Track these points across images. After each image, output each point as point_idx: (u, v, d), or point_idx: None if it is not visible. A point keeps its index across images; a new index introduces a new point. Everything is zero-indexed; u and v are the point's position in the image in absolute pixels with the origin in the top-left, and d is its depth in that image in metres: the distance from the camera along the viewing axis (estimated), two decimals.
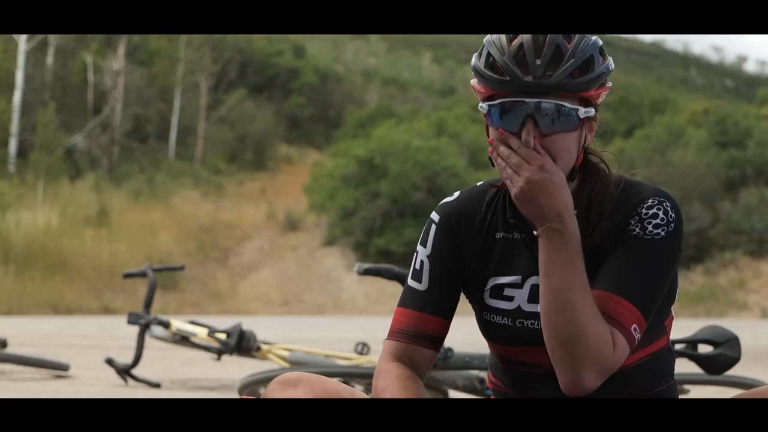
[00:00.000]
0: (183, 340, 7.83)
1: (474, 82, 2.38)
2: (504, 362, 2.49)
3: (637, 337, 2.24)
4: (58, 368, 8.33)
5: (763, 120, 47.83)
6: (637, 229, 2.30)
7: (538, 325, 2.36)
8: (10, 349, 8.62)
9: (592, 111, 2.32)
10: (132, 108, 47.74)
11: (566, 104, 2.26)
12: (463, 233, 2.48)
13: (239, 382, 5.67)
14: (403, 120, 48.38)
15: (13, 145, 41.04)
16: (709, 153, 43.62)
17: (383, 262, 22.18)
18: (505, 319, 2.42)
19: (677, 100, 62.88)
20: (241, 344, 7.47)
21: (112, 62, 46.98)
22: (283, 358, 7.33)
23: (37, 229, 33.22)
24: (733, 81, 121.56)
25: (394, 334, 2.47)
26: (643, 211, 2.32)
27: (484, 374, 5.26)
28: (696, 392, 5.34)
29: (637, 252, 2.29)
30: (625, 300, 2.24)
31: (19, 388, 6.92)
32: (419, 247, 2.52)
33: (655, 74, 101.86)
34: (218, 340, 7.53)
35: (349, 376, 5.82)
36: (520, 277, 2.41)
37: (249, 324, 7.93)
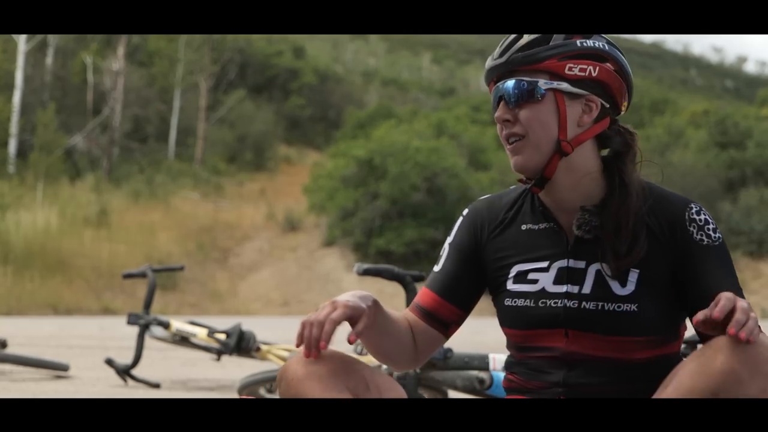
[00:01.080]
0: (183, 340, 7.84)
1: None
2: (521, 351, 2.54)
3: None
4: (58, 368, 8.34)
5: (763, 121, 47.90)
6: (705, 239, 2.42)
7: (560, 304, 2.45)
8: (10, 350, 8.63)
9: (561, 84, 2.43)
10: (131, 108, 47.74)
11: (525, 78, 2.42)
12: (486, 227, 2.61)
13: (239, 383, 5.68)
14: (403, 120, 48.40)
15: (12, 146, 41.04)
16: (709, 153, 43.69)
17: (383, 263, 22.17)
18: (528, 300, 2.50)
19: (677, 100, 62.94)
20: (241, 345, 7.48)
21: (111, 63, 46.97)
22: (282, 359, 7.34)
23: (37, 229, 33.23)
24: (733, 82, 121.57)
25: (412, 306, 2.66)
26: (695, 218, 2.45)
27: (483, 375, 5.27)
28: None
29: (717, 259, 2.41)
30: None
31: (19, 388, 6.93)
32: (447, 238, 2.69)
33: (654, 75, 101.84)
34: (218, 341, 7.53)
35: None
36: (547, 262, 2.50)
37: (248, 324, 7.94)
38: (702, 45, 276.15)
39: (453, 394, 5.86)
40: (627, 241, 2.40)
